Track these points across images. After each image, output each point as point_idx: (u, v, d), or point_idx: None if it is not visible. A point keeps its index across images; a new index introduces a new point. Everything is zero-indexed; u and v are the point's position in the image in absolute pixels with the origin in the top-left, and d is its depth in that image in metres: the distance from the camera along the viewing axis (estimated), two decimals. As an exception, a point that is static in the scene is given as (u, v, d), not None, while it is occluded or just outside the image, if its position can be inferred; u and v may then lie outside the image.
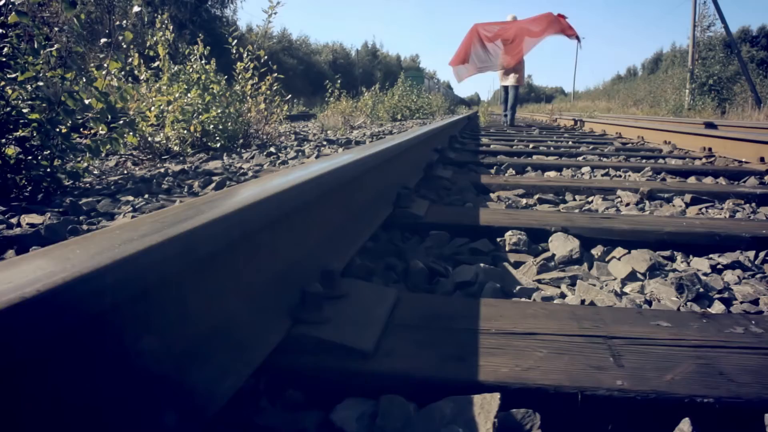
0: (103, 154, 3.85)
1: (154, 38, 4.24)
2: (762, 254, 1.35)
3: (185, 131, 3.96)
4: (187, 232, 0.53)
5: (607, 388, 0.62)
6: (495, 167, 2.89)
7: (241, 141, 4.65)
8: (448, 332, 0.76)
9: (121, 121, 2.51)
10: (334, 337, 0.71)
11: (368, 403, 0.63)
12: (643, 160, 3.44)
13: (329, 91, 8.50)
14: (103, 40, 2.65)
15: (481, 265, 1.11)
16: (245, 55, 4.37)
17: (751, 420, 0.59)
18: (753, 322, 0.81)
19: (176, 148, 4.10)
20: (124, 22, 2.56)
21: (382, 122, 9.47)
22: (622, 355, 0.70)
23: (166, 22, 4.32)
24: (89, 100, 2.28)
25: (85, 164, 2.59)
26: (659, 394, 0.61)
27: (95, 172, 3.38)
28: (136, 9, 3.12)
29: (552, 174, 2.79)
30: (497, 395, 0.59)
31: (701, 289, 1.08)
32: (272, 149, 3.90)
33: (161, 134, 4.05)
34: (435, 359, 0.69)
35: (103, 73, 2.54)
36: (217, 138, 4.27)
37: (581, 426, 0.61)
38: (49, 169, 2.31)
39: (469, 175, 2.45)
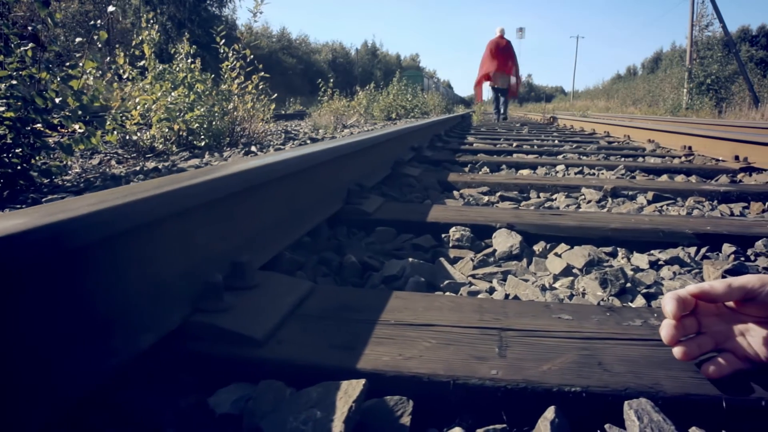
0: (77, 152, 3.88)
1: (140, 37, 4.27)
2: (703, 250, 1.36)
3: (168, 130, 3.98)
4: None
5: (479, 377, 0.63)
6: (469, 165, 2.90)
7: (228, 140, 4.67)
8: (348, 323, 0.77)
9: (94, 120, 2.53)
10: (229, 324, 0.72)
11: (251, 388, 0.65)
12: (622, 159, 3.44)
13: (322, 89, 8.51)
14: (78, 40, 2.67)
15: (409, 259, 1.12)
16: (231, 55, 4.39)
17: (613, 407, 0.60)
18: (655, 315, 0.82)
19: (161, 147, 4.13)
20: (99, 22, 2.57)
21: (376, 121, 9.48)
22: (509, 347, 0.71)
23: (152, 21, 4.34)
24: (59, 98, 2.30)
25: (61, 162, 2.61)
26: (530, 383, 0.62)
27: (76, 169, 3.41)
28: (111, 9, 3.13)
29: (525, 172, 2.80)
30: (362, 381, 0.60)
31: (628, 284, 1.09)
32: (253, 148, 3.91)
33: (147, 133, 4.08)
34: (324, 348, 0.70)
35: (78, 71, 2.56)
36: (202, 137, 4.30)
37: (451, 413, 0.62)
38: (19, 167, 2.33)
39: (439, 173, 2.46)
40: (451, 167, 2.89)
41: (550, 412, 0.59)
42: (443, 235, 1.39)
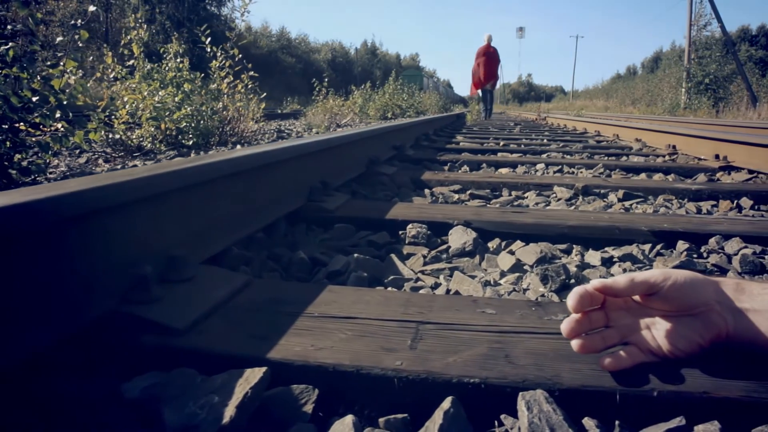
0: (65, 151, 3.90)
1: (129, 36, 4.29)
2: (658, 247, 1.37)
3: (154, 129, 4.00)
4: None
5: (382, 368, 0.64)
6: (449, 164, 2.91)
7: (217, 139, 4.69)
8: (273, 315, 0.79)
9: (74, 119, 2.55)
10: (152, 315, 0.74)
11: (166, 376, 0.66)
12: (605, 158, 3.45)
13: (317, 89, 8.53)
14: (59, 39, 2.69)
15: (355, 255, 1.13)
16: (219, 54, 4.40)
17: (511, 398, 0.61)
18: (580, 309, 0.83)
19: (149, 146, 4.15)
20: (79, 21, 2.58)
21: (371, 120, 9.49)
22: (422, 339, 0.72)
23: (140, 20, 4.36)
24: (36, 97, 2.32)
25: (43, 161, 2.63)
26: (431, 374, 0.63)
27: (62, 168, 3.43)
28: (91, 9, 3.14)
29: (504, 170, 2.81)
30: (263, 369, 0.62)
31: (571, 281, 1.11)
32: (239, 147, 3.93)
33: (136, 132, 4.11)
34: (241, 338, 0.72)
35: (59, 70, 2.58)
36: (190, 135, 4.31)
37: (355, 402, 0.64)
38: (-3, 165, 2.35)
39: (414, 172, 2.47)
40: (430, 166, 2.91)
41: (446, 403, 0.61)
42: (400, 232, 1.41)
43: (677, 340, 0.65)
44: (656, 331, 0.67)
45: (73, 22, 2.60)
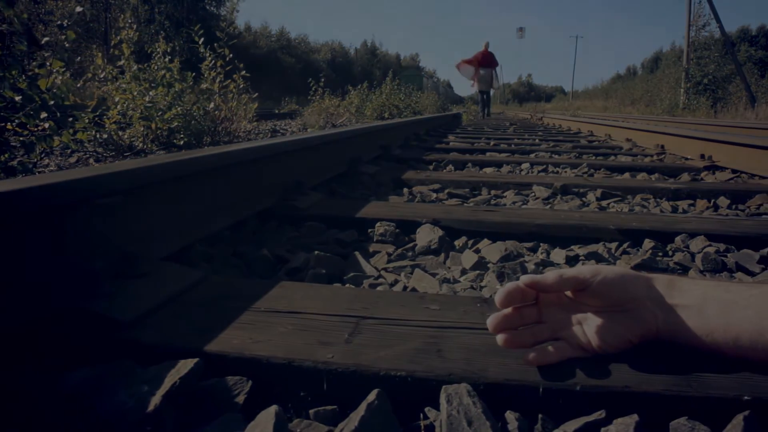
0: (56, 151, 3.92)
1: (119, 37, 4.31)
2: (625, 245, 1.38)
3: (144, 128, 4.02)
4: None
5: (313, 360, 0.66)
6: (434, 164, 2.92)
7: (209, 139, 4.70)
8: (221, 309, 0.80)
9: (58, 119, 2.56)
10: (100, 309, 0.75)
11: (105, 367, 0.68)
12: (593, 157, 3.46)
13: (313, 89, 8.55)
14: (45, 39, 2.71)
15: (315, 252, 1.15)
16: (209, 55, 4.42)
17: (436, 392, 0.62)
18: (524, 305, 0.84)
19: (140, 145, 4.17)
20: (66, 21, 2.60)
21: (367, 120, 9.50)
22: (360, 333, 0.73)
23: (130, 20, 4.38)
24: (20, 97, 2.34)
25: (28, 160, 2.65)
26: (360, 367, 0.65)
27: (52, 167, 3.45)
28: (78, 9, 3.17)
29: (489, 170, 2.82)
30: (194, 360, 0.63)
31: (529, 278, 1.12)
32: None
33: (127, 131, 4.13)
34: (184, 331, 0.73)
35: (45, 71, 2.59)
36: (182, 135, 4.33)
37: (284, 393, 0.65)
38: (-19, 164, 2.37)
39: (396, 171, 2.48)
40: (416, 165, 2.92)
41: (372, 395, 0.62)
42: (369, 230, 1.42)
43: (607, 335, 0.67)
44: (587, 326, 0.68)
45: (59, 22, 2.62)
